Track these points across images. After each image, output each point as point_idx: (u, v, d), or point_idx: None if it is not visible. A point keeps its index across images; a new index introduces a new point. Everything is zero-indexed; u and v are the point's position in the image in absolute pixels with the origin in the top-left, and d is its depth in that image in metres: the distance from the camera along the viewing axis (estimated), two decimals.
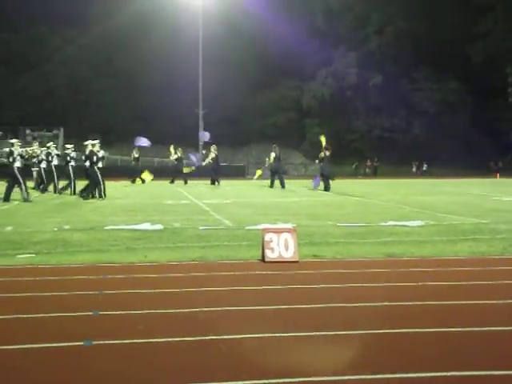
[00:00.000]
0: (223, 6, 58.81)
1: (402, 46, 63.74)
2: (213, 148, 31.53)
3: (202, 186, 29.62)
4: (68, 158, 23.84)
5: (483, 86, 62.28)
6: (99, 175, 20.69)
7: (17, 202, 18.40)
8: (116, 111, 61.18)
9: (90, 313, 5.48)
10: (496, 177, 44.33)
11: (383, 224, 12.29)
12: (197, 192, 24.46)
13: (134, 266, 7.84)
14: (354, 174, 56.55)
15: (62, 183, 24.33)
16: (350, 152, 63.21)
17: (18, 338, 4.75)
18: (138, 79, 61.64)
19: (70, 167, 23.72)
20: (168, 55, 60.26)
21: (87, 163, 21.25)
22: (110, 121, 60.35)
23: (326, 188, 26.37)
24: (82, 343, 4.59)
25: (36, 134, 55.92)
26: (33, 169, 26.96)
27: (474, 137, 64.21)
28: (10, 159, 19.24)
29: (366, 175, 56.48)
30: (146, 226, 11.67)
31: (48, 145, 24.85)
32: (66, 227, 11.67)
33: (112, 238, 10.25)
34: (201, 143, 55.64)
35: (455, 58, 63.22)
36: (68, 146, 24.92)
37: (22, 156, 19.75)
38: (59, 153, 26.30)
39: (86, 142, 22.02)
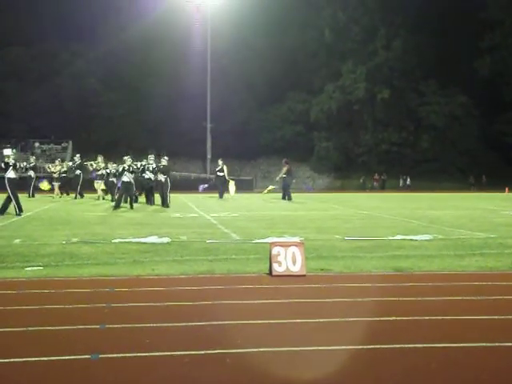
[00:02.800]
0: (231, 20, 59.23)
1: (410, 60, 63.89)
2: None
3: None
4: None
5: (491, 100, 62.33)
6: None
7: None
8: (124, 124, 61.49)
9: (98, 326, 5.48)
10: (505, 191, 44.14)
11: (391, 238, 12.26)
12: (204, 205, 24.49)
13: (141, 279, 7.84)
14: (362, 188, 56.51)
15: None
16: (357, 166, 63.23)
17: (25, 350, 4.76)
18: (146, 92, 61.99)
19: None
20: (176, 69, 60.60)
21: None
22: (118, 134, 60.65)
23: (285, 197, 29.26)
24: (89, 357, 4.60)
25: (44, 146, 56.27)
26: (96, 181, 27.93)
27: (482, 151, 64.18)
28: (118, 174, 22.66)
29: (373, 189, 56.42)
30: (153, 239, 11.67)
31: (125, 158, 24.96)
32: (74, 240, 11.69)
33: (119, 251, 10.26)
34: (209, 156, 55.82)
35: (463, 71, 63.34)
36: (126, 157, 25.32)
37: (128, 170, 22.31)
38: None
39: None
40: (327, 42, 65.84)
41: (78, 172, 29.75)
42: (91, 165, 29.66)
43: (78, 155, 31.71)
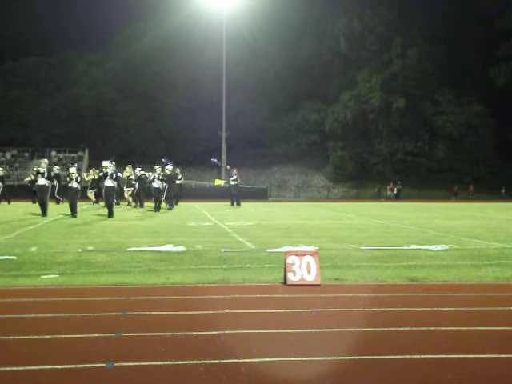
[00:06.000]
0: (247, 30, 59.46)
1: (425, 69, 63.75)
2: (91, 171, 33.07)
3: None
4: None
5: (507, 108, 61.96)
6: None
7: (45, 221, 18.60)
8: (140, 133, 61.86)
9: (113, 334, 5.50)
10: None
11: (406, 248, 12.20)
12: (219, 214, 24.51)
13: (156, 288, 7.86)
14: (377, 197, 56.32)
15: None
16: (372, 175, 63.07)
17: (40, 358, 4.78)
18: (162, 101, 62.35)
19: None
20: (191, 78, 60.90)
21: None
22: (135, 142, 61.01)
23: (238, 204, 31.95)
24: (104, 365, 4.61)
25: (61, 155, 56.71)
26: (126, 189, 29.51)
27: (497, 161, 63.77)
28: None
29: (388, 198, 56.21)
30: (168, 247, 11.68)
31: (156, 167, 27.31)
32: (90, 248, 11.74)
33: (135, 259, 10.29)
34: (224, 165, 55.89)
35: (478, 80, 63.10)
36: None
37: (158, 178, 26.11)
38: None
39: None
40: (342, 51, 65.93)
41: None
42: (131, 174, 31.15)
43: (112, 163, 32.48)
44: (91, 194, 31.93)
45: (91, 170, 33.80)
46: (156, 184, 25.96)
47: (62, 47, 62.91)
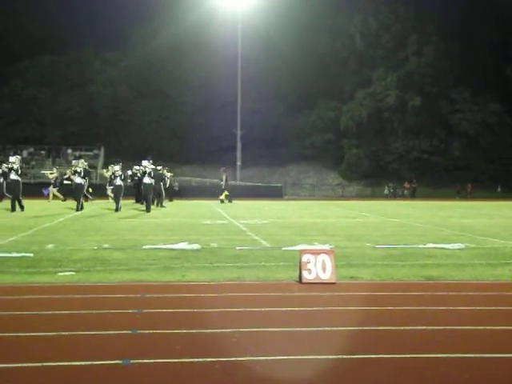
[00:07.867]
0: (262, 28, 59.42)
1: (441, 67, 63.32)
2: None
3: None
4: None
5: None
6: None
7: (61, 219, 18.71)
8: (155, 131, 61.98)
9: (129, 331, 5.52)
10: None
11: (422, 246, 12.15)
12: (234, 212, 24.55)
13: (171, 285, 7.89)
14: (392, 196, 56.09)
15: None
16: (387, 173, 62.76)
17: (57, 355, 4.81)
18: (177, 99, 62.43)
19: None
20: (206, 76, 60.93)
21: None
22: (149, 140, 61.13)
23: (229, 200, 33.38)
24: (120, 362, 4.63)
25: (77, 153, 57.03)
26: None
27: None
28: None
29: (403, 197, 55.97)
30: (183, 245, 11.72)
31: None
32: (105, 246, 11.80)
33: (150, 257, 10.33)
34: (239, 163, 55.91)
35: (495, 79, 62.57)
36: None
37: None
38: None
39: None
40: (358, 49, 65.68)
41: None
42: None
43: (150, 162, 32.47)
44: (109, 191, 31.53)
45: (110, 167, 33.72)
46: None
47: (78, 46, 63.23)
